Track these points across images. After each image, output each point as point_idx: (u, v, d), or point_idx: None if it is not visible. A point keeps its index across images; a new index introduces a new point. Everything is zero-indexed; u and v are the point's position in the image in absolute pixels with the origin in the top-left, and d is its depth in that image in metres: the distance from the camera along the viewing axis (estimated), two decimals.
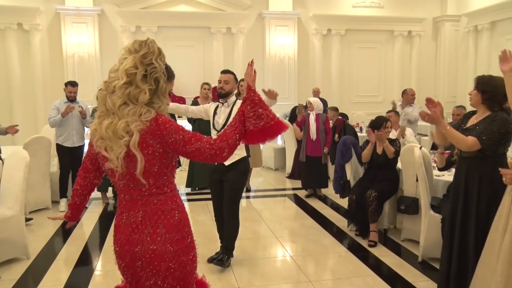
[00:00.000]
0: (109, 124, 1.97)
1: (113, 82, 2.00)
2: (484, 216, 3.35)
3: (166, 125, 1.99)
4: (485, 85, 3.37)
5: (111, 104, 1.99)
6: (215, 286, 4.04)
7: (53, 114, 6.37)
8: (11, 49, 10.46)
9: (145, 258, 2.01)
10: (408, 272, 4.36)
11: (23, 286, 4.15)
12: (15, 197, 4.62)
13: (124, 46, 2.08)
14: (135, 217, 2.04)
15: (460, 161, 3.54)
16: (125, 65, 1.99)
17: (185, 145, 2.01)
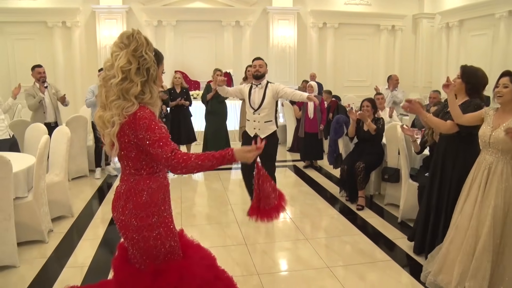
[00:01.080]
0: (100, 116, 1.97)
1: (110, 80, 1.94)
2: (457, 188, 3.34)
3: (141, 121, 1.91)
4: (470, 77, 3.30)
5: (104, 99, 1.96)
6: (225, 243, 4.08)
7: (89, 96, 6.36)
8: (57, 43, 10.50)
9: (118, 224, 2.08)
10: (389, 231, 4.37)
11: (70, 238, 4.21)
12: (60, 166, 4.66)
13: (114, 42, 1.98)
14: (120, 188, 2.09)
15: (440, 139, 3.52)
16: (120, 63, 1.91)
17: (149, 146, 1.93)
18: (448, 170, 3.39)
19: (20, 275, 3.39)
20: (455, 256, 2.99)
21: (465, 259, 2.90)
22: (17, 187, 3.73)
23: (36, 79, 5.82)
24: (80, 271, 3.47)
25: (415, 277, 3.36)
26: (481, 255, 2.82)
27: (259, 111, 4.51)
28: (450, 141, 3.37)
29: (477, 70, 3.33)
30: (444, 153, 3.42)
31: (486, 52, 10.24)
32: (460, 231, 3.01)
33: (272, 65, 11.29)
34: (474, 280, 2.83)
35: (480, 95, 3.34)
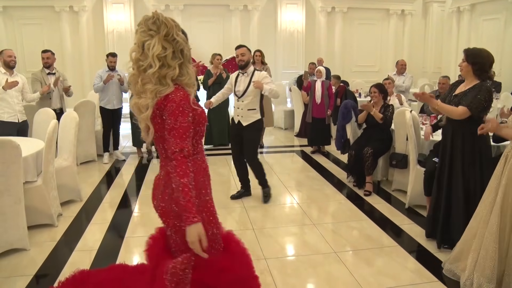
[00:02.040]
0: (135, 103, 1.91)
1: (147, 70, 1.85)
2: (467, 172, 3.35)
3: (169, 103, 1.84)
4: (475, 57, 3.26)
5: (140, 87, 1.89)
6: (233, 227, 4.08)
7: (96, 81, 6.36)
8: (64, 28, 10.47)
9: (158, 212, 2.01)
10: (396, 217, 4.36)
11: (79, 222, 4.25)
12: (69, 150, 4.69)
13: (139, 27, 1.90)
14: (159, 174, 2.04)
15: (447, 123, 3.49)
16: (155, 51, 1.82)
17: (166, 130, 1.86)
18: (457, 154, 3.37)
19: (30, 258, 3.43)
20: (470, 245, 2.97)
21: (478, 247, 2.88)
22: (27, 171, 3.76)
23: (43, 64, 5.81)
24: (88, 255, 3.51)
25: (421, 263, 3.35)
26: (489, 245, 2.80)
27: (242, 98, 4.52)
28: (459, 125, 3.34)
29: (481, 50, 3.30)
30: (453, 137, 3.40)
31: (498, 37, 10.06)
32: (476, 219, 2.99)
33: (280, 50, 11.24)
34: (482, 269, 2.81)
35: (489, 74, 3.30)
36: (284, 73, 11.15)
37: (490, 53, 3.30)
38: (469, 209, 3.29)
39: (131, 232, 4.01)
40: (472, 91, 3.24)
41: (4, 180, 3.36)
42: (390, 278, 3.16)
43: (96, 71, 6.60)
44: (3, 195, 3.38)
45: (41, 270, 3.26)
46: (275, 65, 10.89)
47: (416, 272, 3.24)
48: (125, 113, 6.90)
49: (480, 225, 2.90)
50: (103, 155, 6.58)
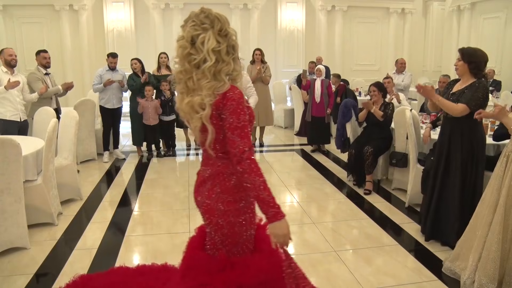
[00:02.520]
0: (189, 101, 1.81)
1: (201, 65, 1.78)
2: (463, 170, 3.39)
3: (229, 101, 1.79)
4: (471, 56, 3.31)
5: (192, 83, 1.81)
6: None
7: (96, 81, 6.35)
8: (64, 26, 10.47)
9: (202, 209, 1.96)
10: (396, 215, 4.36)
11: (79, 221, 4.25)
12: (69, 149, 4.69)
13: (187, 22, 1.82)
14: (204, 172, 1.98)
15: (445, 121, 3.53)
16: (210, 45, 1.76)
17: (229, 129, 1.80)
18: (455, 152, 3.40)
19: (31, 257, 3.44)
20: (472, 244, 2.98)
21: (480, 248, 2.88)
22: (27, 170, 3.76)
23: (42, 64, 5.66)
24: (89, 254, 3.51)
25: (421, 261, 3.36)
26: (491, 245, 2.80)
27: None
28: (456, 122, 3.37)
29: (475, 50, 3.35)
30: (450, 134, 3.43)
31: (498, 36, 10.06)
32: (478, 218, 2.99)
33: (280, 49, 11.24)
34: (484, 270, 2.81)
35: (483, 73, 3.36)
36: (284, 71, 11.17)
37: (484, 52, 3.35)
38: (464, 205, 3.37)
39: (131, 231, 4.01)
40: (470, 89, 3.29)
41: (4, 178, 3.36)
42: (390, 276, 3.16)
43: (96, 70, 6.59)
44: (3, 193, 3.39)
45: (42, 268, 3.27)
46: (275, 63, 10.90)
47: (416, 270, 3.24)
48: (125, 112, 6.91)
49: (482, 225, 2.90)
50: (103, 154, 6.59)
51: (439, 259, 3.37)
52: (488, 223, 2.86)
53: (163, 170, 6.09)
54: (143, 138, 6.80)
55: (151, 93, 6.54)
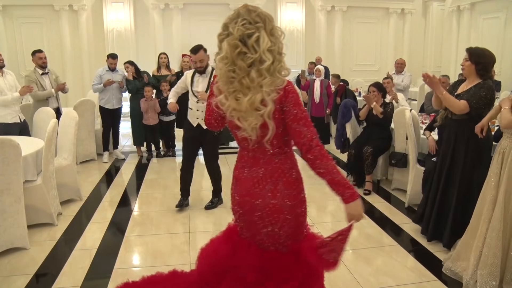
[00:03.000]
0: (249, 99, 1.76)
1: (257, 64, 1.74)
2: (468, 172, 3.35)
3: (290, 94, 1.81)
4: (479, 57, 3.24)
5: (250, 81, 1.76)
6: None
7: (96, 81, 6.35)
8: (64, 26, 10.49)
9: (265, 211, 1.89)
10: (396, 216, 4.36)
11: (79, 221, 4.25)
12: (68, 149, 4.69)
13: (238, 19, 1.78)
14: (257, 173, 1.91)
15: (450, 122, 3.45)
16: (266, 45, 1.74)
17: (293, 121, 1.81)
18: (460, 154, 3.36)
19: (30, 257, 3.44)
20: (472, 243, 2.98)
21: (480, 245, 2.89)
22: (27, 170, 3.76)
23: (38, 64, 5.65)
24: (88, 254, 3.51)
25: (421, 262, 3.36)
26: (491, 242, 2.80)
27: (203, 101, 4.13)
28: (460, 124, 3.33)
29: (483, 50, 3.28)
30: (455, 137, 3.38)
31: (498, 36, 10.06)
32: (477, 217, 2.99)
33: None
34: (485, 267, 2.82)
35: (490, 74, 3.29)
36: None
37: (492, 53, 3.28)
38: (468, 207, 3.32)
39: (131, 231, 4.01)
40: (474, 88, 3.23)
41: (4, 179, 3.36)
42: (390, 277, 3.16)
43: (96, 70, 6.59)
44: (3, 194, 3.39)
45: (41, 269, 3.26)
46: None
47: (416, 271, 3.24)
48: (125, 112, 6.91)
49: (482, 223, 2.90)
50: (103, 154, 6.59)
51: (439, 259, 3.37)
52: (488, 220, 2.86)
53: (163, 170, 6.09)
54: (144, 138, 6.81)
55: (150, 94, 6.55)
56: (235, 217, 2.04)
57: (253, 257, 1.96)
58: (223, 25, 1.85)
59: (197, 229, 4.03)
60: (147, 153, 6.89)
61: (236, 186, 1.99)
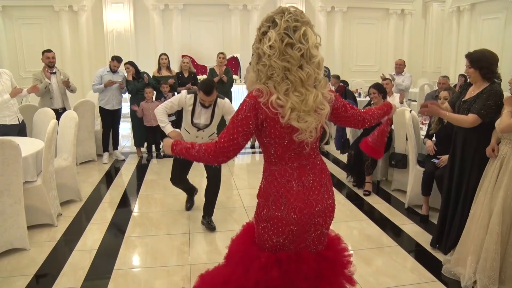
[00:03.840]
0: (316, 95, 1.73)
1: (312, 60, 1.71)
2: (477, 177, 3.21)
3: (334, 92, 1.91)
4: (480, 61, 3.11)
5: (306, 76, 1.70)
6: (233, 228, 4.10)
7: (96, 81, 6.36)
8: (64, 27, 10.46)
9: (324, 213, 1.89)
10: (396, 216, 4.37)
11: (78, 222, 4.26)
12: (68, 150, 4.69)
13: (284, 12, 1.72)
14: (307, 181, 1.85)
15: (458, 128, 3.32)
16: (314, 40, 1.71)
17: (346, 110, 1.95)
18: (469, 160, 3.25)
19: (30, 258, 3.44)
20: (469, 247, 2.98)
21: (478, 250, 2.89)
22: (26, 171, 3.77)
23: (46, 64, 5.78)
24: (88, 254, 3.51)
25: (421, 262, 3.36)
26: (490, 246, 2.80)
27: (204, 129, 3.95)
28: (469, 131, 3.19)
29: (483, 52, 3.16)
30: (464, 142, 3.27)
31: (498, 37, 10.06)
32: (473, 221, 2.99)
33: None
34: (484, 271, 2.82)
35: (495, 74, 3.17)
36: None
37: (492, 52, 3.18)
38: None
39: (130, 231, 4.02)
40: (481, 97, 3.10)
41: (4, 179, 3.37)
42: (390, 278, 3.17)
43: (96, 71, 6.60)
44: (3, 195, 3.39)
45: (41, 269, 3.27)
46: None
47: (416, 272, 3.25)
48: (125, 113, 6.91)
49: (478, 227, 2.91)
50: (103, 155, 6.59)
51: (439, 260, 3.38)
52: (484, 224, 2.86)
53: (162, 171, 6.10)
54: (145, 139, 6.81)
55: (151, 95, 6.56)
56: (279, 239, 1.86)
57: (307, 265, 1.88)
58: (266, 17, 1.77)
59: (197, 230, 4.04)
60: (147, 154, 6.90)
61: (288, 204, 1.82)
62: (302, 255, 1.89)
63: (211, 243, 3.79)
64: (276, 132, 1.76)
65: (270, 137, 1.79)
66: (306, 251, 1.92)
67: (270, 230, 1.86)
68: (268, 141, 1.81)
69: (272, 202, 1.85)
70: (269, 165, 1.87)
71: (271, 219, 1.85)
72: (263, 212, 1.88)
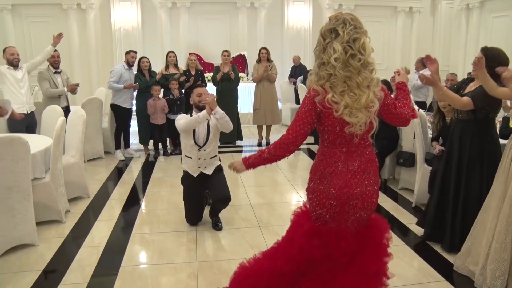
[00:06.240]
0: (367, 97, 1.99)
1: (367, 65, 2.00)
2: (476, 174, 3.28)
3: (385, 91, 2.11)
4: (493, 60, 3.06)
5: (363, 80, 1.99)
6: (239, 225, 4.11)
7: (115, 78, 6.38)
8: (72, 25, 10.56)
9: (362, 197, 2.10)
10: (403, 215, 4.35)
11: (86, 218, 4.29)
12: (76, 147, 4.72)
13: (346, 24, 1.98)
14: (352, 165, 2.10)
15: (455, 123, 3.42)
16: (369, 49, 2.00)
17: (395, 107, 2.15)
18: (465, 156, 3.30)
19: (39, 254, 3.48)
20: (482, 238, 2.96)
21: (490, 240, 2.87)
22: (35, 168, 3.80)
23: (50, 63, 5.79)
24: (96, 251, 3.54)
25: (428, 262, 3.35)
26: (500, 237, 2.79)
27: (205, 147, 3.88)
28: (465, 126, 3.28)
29: (499, 53, 3.14)
30: (460, 139, 3.32)
31: (508, 35, 9.95)
32: (486, 212, 2.97)
33: (287, 48, 11.23)
34: (495, 262, 2.81)
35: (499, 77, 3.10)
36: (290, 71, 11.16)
37: (506, 55, 3.14)
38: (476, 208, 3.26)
39: (138, 228, 4.04)
40: (480, 88, 3.11)
41: (13, 176, 3.40)
42: (396, 277, 3.12)
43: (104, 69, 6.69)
44: (12, 191, 3.42)
45: (50, 265, 3.30)
46: (282, 62, 10.88)
47: (423, 271, 3.23)
48: None
49: (491, 219, 2.89)
50: (115, 152, 6.63)
51: (446, 259, 3.36)
52: (497, 215, 2.85)
53: (169, 168, 6.12)
54: (150, 136, 6.84)
55: (158, 93, 6.59)
56: (321, 212, 2.13)
57: (346, 242, 2.12)
58: (328, 29, 2.03)
59: (204, 227, 4.05)
60: (154, 151, 6.92)
61: (331, 181, 2.10)
62: (342, 232, 2.14)
63: (218, 240, 3.80)
64: (330, 122, 2.05)
65: (325, 125, 2.08)
66: (346, 230, 2.15)
67: (314, 201, 2.16)
68: (323, 129, 2.11)
69: (318, 177, 2.15)
70: (322, 147, 2.18)
71: (315, 192, 2.15)
72: (311, 185, 2.19)
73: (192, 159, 3.92)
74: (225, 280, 2.83)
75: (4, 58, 5.18)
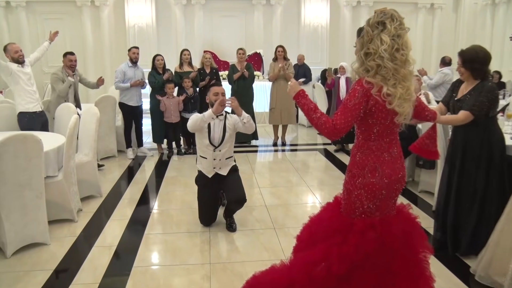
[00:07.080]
0: (408, 87, 2.15)
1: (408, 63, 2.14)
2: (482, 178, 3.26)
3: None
4: (472, 62, 3.17)
5: (408, 73, 2.14)
6: (254, 226, 4.09)
7: (119, 77, 6.43)
8: (86, 22, 10.73)
9: (403, 180, 2.30)
10: (423, 219, 4.20)
11: (98, 218, 4.32)
12: (89, 146, 4.77)
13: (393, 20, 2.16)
14: (393, 152, 2.27)
15: (456, 127, 3.40)
16: (410, 45, 2.15)
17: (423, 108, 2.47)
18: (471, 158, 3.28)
19: (51, 253, 3.51)
20: (507, 246, 2.89)
21: None
22: (48, 166, 3.84)
23: (67, 66, 5.77)
24: (108, 251, 3.56)
25: (448, 267, 3.28)
26: None
27: (220, 147, 3.88)
28: (466, 128, 3.26)
29: (477, 52, 3.18)
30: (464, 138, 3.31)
31: None
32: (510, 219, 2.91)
33: (304, 46, 11.19)
34: None
35: (487, 73, 3.22)
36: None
37: (485, 50, 3.20)
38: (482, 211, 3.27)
39: (150, 228, 4.05)
40: (473, 93, 3.17)
41: (26, 174, 3.44)
42: None
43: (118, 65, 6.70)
44: (25, 189, 3.46)
45: (61, 265, 3.33)
46: None
47: (443, 277, 3.17)
48: (145, 109, 6.98)
49: None
50: (126, 151, 6.68)
51: (467, 265, 3.29)
52: None
53: (183, 168, 6.14)
54: (164, 135, 6.87)
55: (172, 91, 6.61)
56: (370, 204, 2.24)
57: (393, 226, 2.24)
58: (376, 22, 2.20)
59: (218, 228, 4.04)
60: (168, 150, 6.96)
61: (383, 171, 2.23)
62: (388, 218, 2.27)
63: (232, 242, 3.79)
64: (382, 115, 2.17)
65: (377, 119, 2.18)
66: (389, 215, 2.30)
67: (363, 196, 2.23)
68: (374, 122, 2.20)
69: (367, 171, 2.23)
70: (367, 141, 2.27)
71: (366, 186, 2.23)
72: (358, 180, 2.25)
73: (207, 159, 3.92)
74: (238, 283, 2.82)
75: (8, 57, 5.05)
